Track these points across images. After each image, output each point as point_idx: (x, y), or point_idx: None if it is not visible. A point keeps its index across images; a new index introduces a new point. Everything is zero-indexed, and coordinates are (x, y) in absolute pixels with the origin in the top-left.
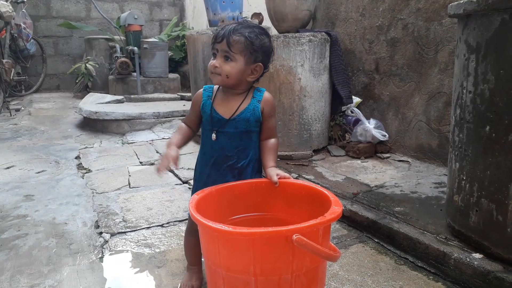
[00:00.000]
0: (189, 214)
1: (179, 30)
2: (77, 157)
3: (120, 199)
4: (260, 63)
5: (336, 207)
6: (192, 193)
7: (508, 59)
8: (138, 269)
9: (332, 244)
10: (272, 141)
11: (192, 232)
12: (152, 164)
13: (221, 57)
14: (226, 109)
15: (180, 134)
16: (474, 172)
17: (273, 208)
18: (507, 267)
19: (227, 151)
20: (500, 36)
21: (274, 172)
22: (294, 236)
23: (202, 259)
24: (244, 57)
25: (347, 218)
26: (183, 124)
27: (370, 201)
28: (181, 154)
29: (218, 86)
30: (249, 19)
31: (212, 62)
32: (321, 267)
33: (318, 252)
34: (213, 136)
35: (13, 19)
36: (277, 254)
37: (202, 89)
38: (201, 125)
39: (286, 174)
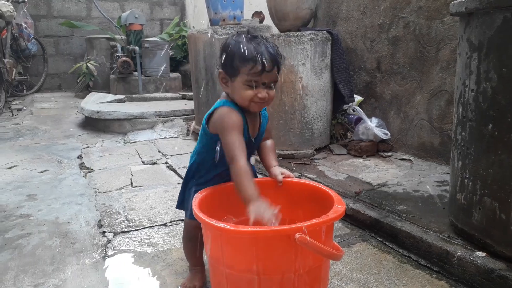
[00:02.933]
0: (184, 220)
1: (178, 29)
2: (79, 157)
3: (123, 199)
4: None
5: (339, 206)
6: (186, 187)
7: (511, 57)
8: (141, 268)
9: (335, 243)
10: (270, 141)
11: (190, 238)
12: (154, 163)
13: (267, 87)
14: (253, 130)
15: (253, 180)
16: (477, 170)
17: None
18: (510, 265)
19: (253, 160)
20: (503, 34)
21: (279, 171)
22: (296, 235)
23: (205, 259)
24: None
25: (349, 217)
26: (245, 163)
27: (373, 199)
28: (183, 154)
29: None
30: (250, 18)
31: (259, 92)
32: (324, 266)
33: (321, 251)
34: (252, 159)
35: (14, 18)
36: (280, 253)
37: (234, 109)
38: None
39: (290, 173)
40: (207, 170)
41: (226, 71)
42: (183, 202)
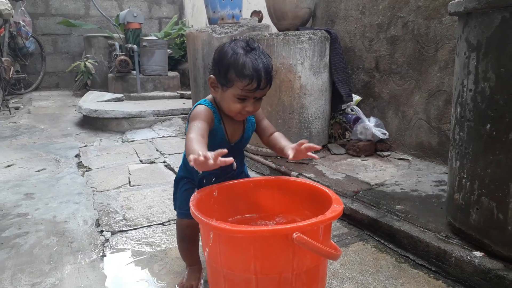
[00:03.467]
0: (176, 220)
1: (178, 28)
2: (77, 156)
3: (121, 198)
4: None
5: (337, 206)
6: (177, 187)
7: (509, 57)
8: (139, 267)
9: (333, 243)
10: (278, 133)
11: (183, 237)
12: (152, 162)
13: (255, 101)
14: (234, 133)
15: (202, 144)
16: (475, 170)
17: (274, 206)
18: (507, 265)
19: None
20: (501, 34)
21: (290, 147)
22: (294, 234)
23: (201, 258)
24: None
25: (347, 216)
26: (196, 135)
27: (371, 199)
28: (181, 153)
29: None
30: (249, 17)
31: (247, 106)
32: (322, 266)
33: (319, 251)
34: (234, 165)
35: (12, 17)
36: (278, 253)
37: (207, 106)
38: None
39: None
40: (194, 172)
41: (218, 79)
42: None
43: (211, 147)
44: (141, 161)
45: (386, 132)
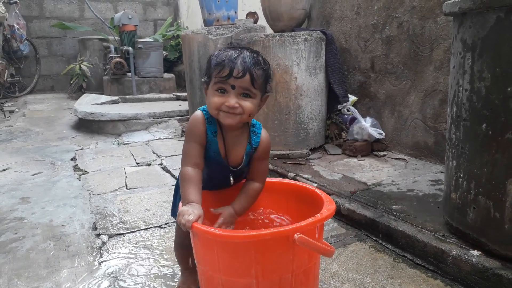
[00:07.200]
0: (176, 227)
1: (174, 29)
2: (73, 159)
3: (117, 200)
4: (268, 93)
5: (330, 205)
6: (177, 194)
7: (504, 56)
8: (136, 270)
9: (324, 241)
10: (254, 185)
11: (183, 244)
12: (149, 165)
13: (238, 94)
14: (234, 156)
15: (196, 186)
16: (471, 169)
17: (258, 206)
18: (505, 264)
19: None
20: (496, 34)
21: (223, 216)
22: (296, 235)
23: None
24: (260, 91)
25: (345, 217)
26: (191, 170)
27: (368, 199)
28: (178, 155)
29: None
30: (244, 18)
31: (227, 100)
32: (317, 264)
33: (318, 249)
34: (231, 181)
35: (6, 20)
36: (279, 254)
37: (201, 116)
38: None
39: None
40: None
41: (204, 80)
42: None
43: (205, 164)
44: (137, 163)
45: (382, 132)
